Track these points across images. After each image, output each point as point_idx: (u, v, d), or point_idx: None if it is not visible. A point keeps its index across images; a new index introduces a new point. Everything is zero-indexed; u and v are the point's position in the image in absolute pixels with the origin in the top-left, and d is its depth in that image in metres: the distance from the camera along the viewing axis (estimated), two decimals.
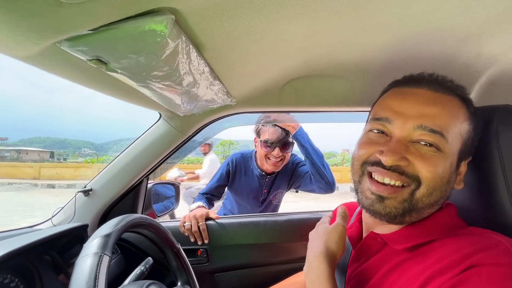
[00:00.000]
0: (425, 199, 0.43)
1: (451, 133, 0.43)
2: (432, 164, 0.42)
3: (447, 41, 0.60)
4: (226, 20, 0.45)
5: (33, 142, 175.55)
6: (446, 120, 0.43)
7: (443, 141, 0.42)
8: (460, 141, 0.44)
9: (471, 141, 0.47)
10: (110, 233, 0.50)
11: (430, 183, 0.42)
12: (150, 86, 0.56)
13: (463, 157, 0.46)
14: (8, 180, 14.64)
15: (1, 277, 0.58)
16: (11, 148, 46.05)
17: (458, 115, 0.44)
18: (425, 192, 0.43)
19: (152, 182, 1.19)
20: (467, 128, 0.45)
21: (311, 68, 0.72)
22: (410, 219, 0.45)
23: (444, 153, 0.42)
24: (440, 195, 0.44)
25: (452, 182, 0.45)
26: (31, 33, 0.35)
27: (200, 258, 1.02)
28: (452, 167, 0.44)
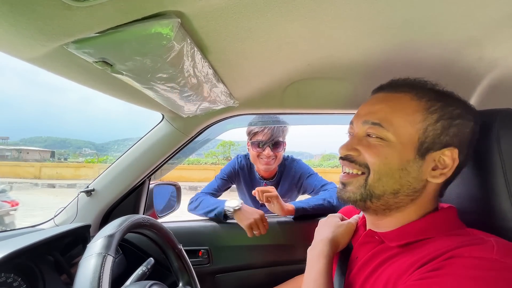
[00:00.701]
0: (376, 184, 0.47)
1: (394, 124, 0.47)
2: (376, 152, 0.47)
3: (448, 45, 0.61)
4: (231, 23, 0.45)
5: (34, 141, 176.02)
6: (387, 113, 0.48)
7: (384, 130, 0.47)
8: (412, 130, 0.46)
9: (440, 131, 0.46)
10: (114, 234, 0.50)
11: (376, 168, 0.47)
12: (155, 87, 0.57)
13: (429, 147, 0.46)
14: (9, 179, 14.66)
15: (4, 276, 0.59)
16: (12, 148, 46.15)
17: (404, 108, 0.48)
18: (374, 178, 0.47)
19: (154, 182, 1.19)
20: (420, 118, 0.46)
21: (313, 71, 0.72)
22: (374, 206, 0.49)
23: (389, 141, 0.47)
24: (394, 182, 0.47)
25: (412, 171, 0.46)
26: (40, 36, 0.36)
27: (201, 259, 1.02)
28: (404, 155, 0.46)
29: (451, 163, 0.46)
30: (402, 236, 0.47)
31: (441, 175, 0.46)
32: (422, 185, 0.47)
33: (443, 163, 0.46)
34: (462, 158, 0.48)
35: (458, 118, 0.46)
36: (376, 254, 0.50)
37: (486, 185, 0.51)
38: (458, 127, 0.46)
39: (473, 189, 0.54)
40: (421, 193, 0.48)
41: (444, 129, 0.46)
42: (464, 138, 0.47)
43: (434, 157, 0.46)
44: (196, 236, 1.04)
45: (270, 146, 1.26)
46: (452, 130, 0.46)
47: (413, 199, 0.48)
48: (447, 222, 0.48)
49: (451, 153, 0.46)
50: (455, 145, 0.46)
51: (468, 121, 0.47)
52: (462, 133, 0.47)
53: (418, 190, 0.47)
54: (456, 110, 0.47)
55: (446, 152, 0.46)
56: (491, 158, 0.50)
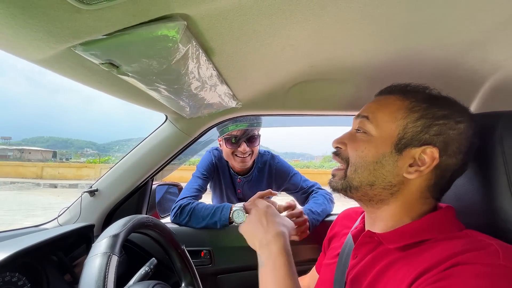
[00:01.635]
0: (353, 176, 0.51)
1: (378, 118, 0.50)
2: (356, 145, 0.51)
3: (452, 47, 0.61)
4: (236, 26, 0.46)
5: (36, 141, 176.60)
6: (374, 109, 0.52)
7: (369, 123, 0.51)
8: (393, 126, 0.49)
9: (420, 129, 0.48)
10: (118, 234, 0.51)
11: (353, 161, 0.51)
12: (159, 89, 0.57)
13: (407, 143, 0.48)
14: (11, 179, 14.73)
15: (9, 275, 0.59)
16: (14, 148, 46.34)
17: (389, 106, 0.51)
18: (351, 170, 0.51)
19: (156, 183, 1.19)
20: (402, 115, 0.49)
21: (316, 72, 0.73)
22: (355, 196, 0.52)
23: (371, 135, 0.50)
24: (369, 174, 0.49)
25: (386, 164, 0.48)
26: (49, 38, 0.36)
27: (203, 260, 1.02)
28: (381, 149, 0.49)
29: (429, 162, 0.46)
30: (400, 238, 0.48)
31: (416, 171, 0.47)
32: (398, 180, 0.48)
33: (423, 161, 0.47)
34: (450, 161, 0.47)
35: (442, 119, 0.47)
36: (378, 257, 0.50)
37: (489, 186, 0.51)
38: (441, 127, 0.47)
39: (476, 190, 0.54)
40: (399, 189, 0.49)
41: (425, 127, 0.47)
42: (449, 139, 0.47)
43: (414, 154, 0.47)
44: (198, 237, 1.05)
45: (245, 141, 1.16)
46: (434, 129, 0.47)
47: (392, 193, 0.49)
48: (445, 222, 0.48)
49: (432, 152, 0.46)
50: (437, 145, 0.47)
51: (456, 123, 0.47)
52: (446, 134, 0.47)
53: (394, 184, 0.49)
54: (441, 112, 0.48)
55: (427, 151, 0.47)
56: (494, 160, 0.50)
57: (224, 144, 1.20)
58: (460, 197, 0.56)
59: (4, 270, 0.58)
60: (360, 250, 0.55)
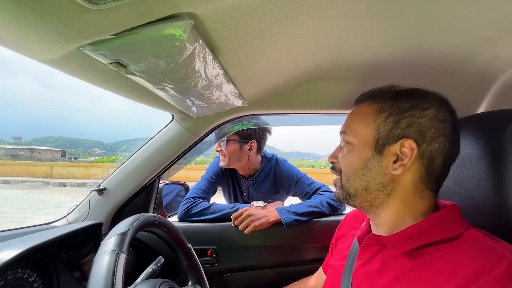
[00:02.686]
0: (347, 185, 0.54)
1: (353, 128, 0.54)
2: (343, 157, 0.55)
3: (462, 44, 0.60)
4: (243, 24, 0.45)
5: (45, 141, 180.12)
6: (349, 122, 0.56)
7: (348, 136, 0.55)
8: (367, 131, 0.52)
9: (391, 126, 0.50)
10: (126, 232, 0.51)
11: (344, 171, 0.54)
12: (166, 88, 0.58)
13: (384, 142, 0.50)
14: (22, 178, 15.07)
15: (21, 272, 0.61)
16: (25, 147, 47.35)
17: (359, 114, 0.54)
18: (344, 179, 0.54)
19: (163, 182, 1.20)
20: (372, 119, 0.52)
21: (323, 71, 0.72)
22: (357, 203, 0.54)
23: (353, 145, 0.53)
24: (360, 180, 0.52)
25: (372, 167, 0.51)
26: (59, 38, 0.37)
27: (209, 258, 1.03)
28: (363, 154, 0.51)
29: (410, 153, 0.48)
30: (404, 242, 0.47)
31: (400, 166, 0.48)
32: (388, 179, 0.50)
33: (405, 154, 0.48)
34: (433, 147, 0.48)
35: (408, 111, 0.49)
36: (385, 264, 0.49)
37: (500, 186, 0.50)
38: (408, 118, 0.49)
39: (486, 190, 0.53)
40: (393, 188, 0.50)
41: (394, 123, 0.49)
42: (422, 127, 0.48)
43: (394, 150, 0.49)
44: (204, 236, 1.05)
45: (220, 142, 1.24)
46: (404, 122, 0.49)
47: (388, 194, 0.50)
48: (450, 222, 0.47)
49: (409, 144, 0.48)
50: (411, 136, 0.48)
51: (423, 110, 0.49)
52: (416, 123, 0.48)
53: (386, 184, 0.50)
54: (407, 104, 0.50)
55: (404, 144, 0.48)
56: (506, 158, 0.49)
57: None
58: (470, 197, 0.55)
59: (15, 267, 0.60)
60: (365, 251, 0.54)
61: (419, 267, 0.44)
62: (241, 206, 1.12)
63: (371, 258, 0.52)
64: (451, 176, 0.53)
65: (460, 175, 0.58)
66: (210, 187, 1.26)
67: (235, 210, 1.10)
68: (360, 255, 0.56)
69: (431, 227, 0.47)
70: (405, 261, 0.46)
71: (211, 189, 1.27)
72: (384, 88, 0.56)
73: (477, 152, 0.54)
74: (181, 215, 1.12)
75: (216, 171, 1.32)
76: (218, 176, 1.33)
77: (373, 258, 0.52)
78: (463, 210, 0.56)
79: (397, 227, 0.50)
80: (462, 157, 0.54)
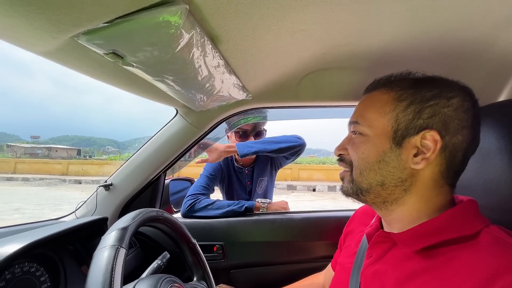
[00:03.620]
0: (360, 179, 0.49)
1: (368, 118, 0.50)
2: (355, 149, 0.50)
3: (481, 27, 0.55)
4: (242, 10, 0.43)
5: (62, 140, 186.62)
6: (362, 111, 0.52)
7: (360, 126, 0.50)
8: (384, 121, 0.48)
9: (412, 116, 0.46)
10: (127, 227, 0.51)
11: (356, 164, 0.50)
12: (166, 80, 0.56)
13: (404, 134, 0.46)
14: (40, 175, 15.67)
15: (28, 265, 0.61)
16: (42, 146, 49.19)
17: (375, 103, 0.50)
18: (356, 173, 0.50)
19: (169, 178, 1.20)
20: (390, 108, 0.48)
21: (330, 60, 0.69)
22: (368, 199, 0.50)
23: (367, 136, 0.49)
24: (376, 174, 0.48)
25: (390, 161, 0.46)
26: (50, 27, 0.36)
27: (216, 254, 1.02)
28: (380, 147, 0.47)
29: (433, 146, 0.44)
30: (416, 239, 0.44)
31: (422, 160, 0.44)
32: (407, 174, 0.46)
33: (427, 147, 0.45)
34: (456, 139, 0.44)
35: (432, 100, 0.45)
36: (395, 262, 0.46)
37: None
38: (432, 108, 0.45)
39: (509, 183, 0.49)
40: (412, 183, 0.46)
41: (416, 113, 0.46)
42: (446, 118, 0.44)
43: (414, 143, 0.45)
44: (210, 232, 1.04)
45: (254, 135, 1.27)
46: (426, 112, 0.45)
47: (405, 189, 0.47)
48: (467, 218, 0.43)
49: (432, 136, 0.44)
50: (434, 127, 0.44)
51: (447, 100, 0.45)
52: (440, 113, 0.44)
53: (405, 179, 0.46)
54: (430, 93, 0.46)
55: (426, 136, 0.44)
56: None
57: (234, 137, 1.29)
58: (490, 192, 0.51)
59: (22, 260, 0.60)
60: (375, 249, 0.51)
61: (432, 267, 0.41)
62: (245, 203, 1.12)
63: (380, 257, 0.49)
64: (469, 169, 0.50)
65: (479, 168, 0.54)
66: (210, 184, 1.27)
67: (240, 206, 1.10)
68: (369, 253, 0.53)
69: (446, 224, 0.43)
70: (416, 260, 0.43)
71: (211, 186, 1.28)
72: (400, 75, 0.52)
73: (497, 142, 0.50)
74: (185, 211, 1.12)
75: (215, 167, 1.32)
76: (217, 171, 1.33)
77: (383, 257, 0.49)
78: (482, 206, 0.52)
79: (410, 225, 0.47)
80: (480, 149, 0.50)
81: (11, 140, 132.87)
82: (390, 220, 0.51)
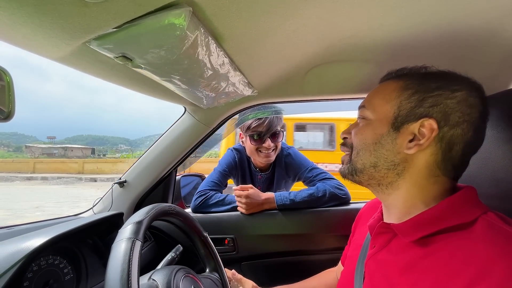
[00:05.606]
0: (356, 159, 0.52)
1: (373, 103, 0.52)
2: (356, 131, 0.54)
3: (489, 13, 0.54)
4: (243, 9, 0.44)
5: (76, 140, 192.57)
6: (370, 97, 0.55)
7: (366, 110, 0.53)
8: (388, 106, 0.50)
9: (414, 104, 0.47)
10: (142, 220, 0.53)
11: (355, 145, 0.53)
12: (173, 80, 0.58)
13: (403, 120, 0.48)
14: (57, 174, 16.26)
15: (52, 258, 0.66)
16: (58, 146, 50.85)
17: (383, 90, 0.53)
18: (354, 153, 0.53)
19: (180, 174, 1.24)
20: (396, 95, 0.50)
21: (335, 53, 0.69)
22: (362, 179, 0.53)
23: (369, 119, 0.52)
24: (370, 155, 0.50)
25: (385, 144, 0.49)
26: (63, 34, 0.38)
27: (227, 247, 1.05)
28: (378, 130, 0.50)
29: (428, 134, 0.45)
30: (415, 229, 0.45)
31: (415, 145, 0.46)
32: (400, 158, 0.48)
33: (423, 134, 0.46)
34: (455, 132, 0.45)
35: (436, 90, 0.46)
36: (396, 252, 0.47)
37: None
38: (435, 98, 0.46)
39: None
40: (405, 167, 0.48)
41: (419, 101, 0.47)
42: (448, 109, 0.45)
43: (412, 129, 0.47)
44: (221, 226, 1.07)
45: (269, 137, 1.18)
46: (429, 101, 0.46)
47: (398, 173, 0.48)
48: (465, 206, 0.43)
49: (429, 124, 0.45)
50: (433, 116, 0.45)
51: (452, 92, 0.45)
52: (442, 104, 0.45)
53: (397, 163, 0.48)
54: (435, 84, 0.47)
55: (424, 123, 0.46)
56: None
57: (248, 141, 1.22)
58: (497, 181, 0.51)
59: (47, 254, 0.65)
60: (377, 240, 0.53)
61: (430, 254, 0.42)
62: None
63: (383, 247, 0.51)
64: (475, 158, 0.49)
65: (486, 158, 0.54)
66: (222, 180, 1.23)
67: None
68: (372, 243, 0.54)
69: (444, 213, 0.44)
70: (416, 249, 0.44)
71: (223, 182, 1.24)
72: (414, 68, 0.53)
73: (505, 131, 0.50)
74: (195, 207, 1.12)
75: (229, 163, 1.29)
76: (231, 168, 1.29)
77: (385, 247, 0.50)
78: (489, 195, 0.52)
79: (408, 213, 0.48)
80: (488, 138, 0.50)
81: (29, 141, 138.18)
82: (389, 206, 0.52)
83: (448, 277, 0.38)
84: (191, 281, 0.61)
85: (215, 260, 0.77)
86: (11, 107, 0.46)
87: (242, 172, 1.35)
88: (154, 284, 0.55)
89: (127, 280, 0.41)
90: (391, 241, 0.50)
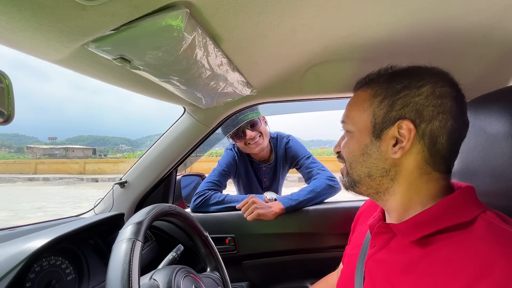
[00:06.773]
0: (351, 171, 0.54)
1: (351, 116, 0.54)
2: (344, 145, 0.55)
3: (488, 9, 0.54)
4: (241, 9, 0.44)
5: (77, 140, 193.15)
6: (347, 111, 0.56)
7: (346, 124, 0.55)
8: (364, 117, 0.51)
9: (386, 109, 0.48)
10: (142, 221, 0.54)
11: (346, 158, 0.55)
12: (172, 81, 0.58)
13: (381, 127, 0.49)
14: (59, 175, 16.32)
15: (54, 259, 0.66)
16: (60, 147, 50.98)
17: (356, 102, 0.54)
18: (348, 167, 0.55)
19: (180, 174, 1.24)
20: (367, 104, 0.51)
21: (333, 52, 0.69)
22: (362, 190, 0.54)
23: (352, 132, 0.54)
24: (362, 166, 0.51)
25: (372, 153, 0.50)
26: (62, 37, 0.38)
27: (228, 246, 1.05)
28: (362, 141, 0.51)
29: (408, 135, 0.46)
30: (414, 229, 0.45)
31: (399, 149, 0.47)
32: (390, 164, 0.48)
33: (404, 136, 0.46)
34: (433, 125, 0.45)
35: (402, 91, 0.47)
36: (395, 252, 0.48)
37: None
38: (403, 99, 0.47)
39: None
40: (396, 172, 0.48)
41: (389, 106, 0.48)
42: (419, 106, 0.46)
43: (392, 133, 0.47)
44: (222, 225, 1.08)
45: (248, 128, 1.21)
46: (398, 104, 0.47)
47: (392, 179, 0.49)
48: (463, 205, 0.43)
49: (406, 125, 0.46)
50: (407, 116, 0.46)
51: (417, 89, 0.46)
52: (412, 102, 0.46)
53: (388, 169, 0.49)
54: (400, 85, 0.48)
55: (402, 125, 0.46)
56: None
57: (235, 142, 1.26)
58: (497, 178, 0.51)
59: (48, 254, 0.65)
60: (377, 239, 0.53)
61: (429, 254, 0.42)
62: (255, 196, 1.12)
63: (383, 246, 0.51)
64: (475, 155, 0.49)
65: (485, 155, 0.54)
66: (222, 180, 1.24)
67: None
68: (372, 243, 0.54)
69: (442, 213, 0.44)
70: (416, 249, 0.44)
71: (223, 182, 1.25)
72: (380, 71, 0.54)
73: (504, 128, 0.50)
74: (194, 207, 1.12)
75: (229, 162, 1.29)
76: (231, 167, 1.29)
77: (385, 246, 0.50)
78: (489, 193, 0.52)
79: (407, 214, 0.48)
80: (487, 135, 0.50)
81: (30, 142, 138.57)
82: (388, 210, 0.52)
83: (448, 277, 0.38)
84: (192, 281, 0.61)
85: (215, 260, 0.77)
86: (11, 110, 0.46)
87: (245, 168, 1.37)
88: (155, 283, 0.56)
89: (128, 280, 0.42)
90: (391, 241, 0.50)
